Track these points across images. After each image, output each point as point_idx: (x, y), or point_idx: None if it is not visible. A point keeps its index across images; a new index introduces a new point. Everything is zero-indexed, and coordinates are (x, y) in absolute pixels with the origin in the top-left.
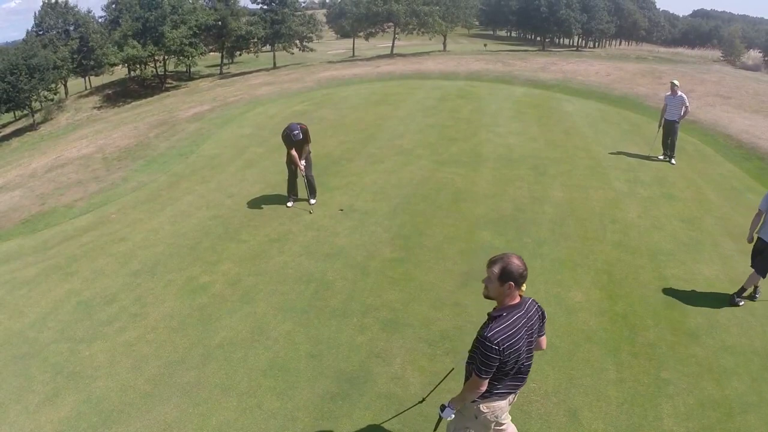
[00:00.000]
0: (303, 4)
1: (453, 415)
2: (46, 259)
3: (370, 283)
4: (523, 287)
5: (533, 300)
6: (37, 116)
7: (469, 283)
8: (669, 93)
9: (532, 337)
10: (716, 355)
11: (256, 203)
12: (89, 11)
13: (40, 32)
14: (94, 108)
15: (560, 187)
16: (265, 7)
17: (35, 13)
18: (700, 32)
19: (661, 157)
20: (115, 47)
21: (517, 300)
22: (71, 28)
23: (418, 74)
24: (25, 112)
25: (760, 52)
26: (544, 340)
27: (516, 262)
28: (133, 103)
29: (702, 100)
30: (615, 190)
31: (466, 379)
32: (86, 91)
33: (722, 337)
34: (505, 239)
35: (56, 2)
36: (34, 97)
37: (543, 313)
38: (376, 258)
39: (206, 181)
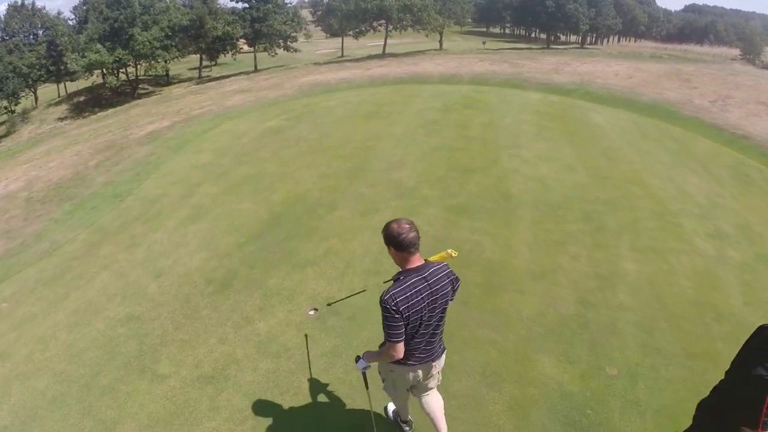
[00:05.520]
0: (288, 3)
1: (364, 368)
2: None
3: None
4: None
5: (445, 266)
6: (1, 129)
7: None
8: None
9: (436, 303)
10: None
11: (192, 292)
12: (59, 13)
13: (6, 37)
14: (59, 119)
15: (630, 254)
16: (246, 4)
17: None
18: (695, 27)
19: None
20: (76, 53)
21: (417, 264)
22: (39, 32)
23: (414, 78)
24: None
25: None
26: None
27: (394, 226)
28: (99, 114)
29: (744, 109)
30: (700, 253)
31: None
32: (57, 99)
33: None
34: (579, 371)
35: (22, 4)
36: None
37: (455, 279)
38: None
39: (134, 244)
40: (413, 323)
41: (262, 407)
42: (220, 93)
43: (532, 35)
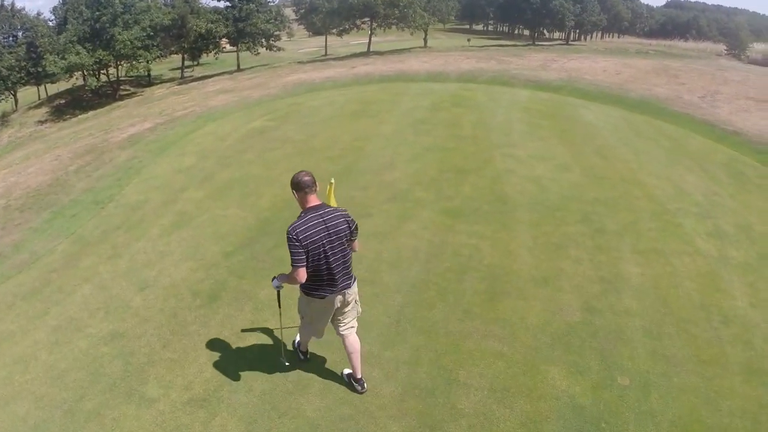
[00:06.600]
0: (271, 2)
1: (277, 286)
2: None
3: None
4: (332, 198)
5: (344, 210)
6: None
7: None
8: None
9: (332, 237)
10: None
11: (178, 306)
12: (39, 14)
13: None
14: (39, 122)
15: (633, 257)
16: (228, 3)
17: None
18: (677, 23)
19: None
20: (55, 55)
21: (313, 204)
22: (19, 33)
23: (401, 75)
24: None
25: None
26: (355, 244)
27: (296, 175)
28: (79, 116)
29: (733, 105)
30: (702, 254)
31: None
32: (38, 102)
33: None
34: (590, 382)
35: (2, 5)
36: None
37: (351, 221)
38: None
39: (116, 254)
40: (314, 252)
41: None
42: (202, 93)
43: (516, 32)
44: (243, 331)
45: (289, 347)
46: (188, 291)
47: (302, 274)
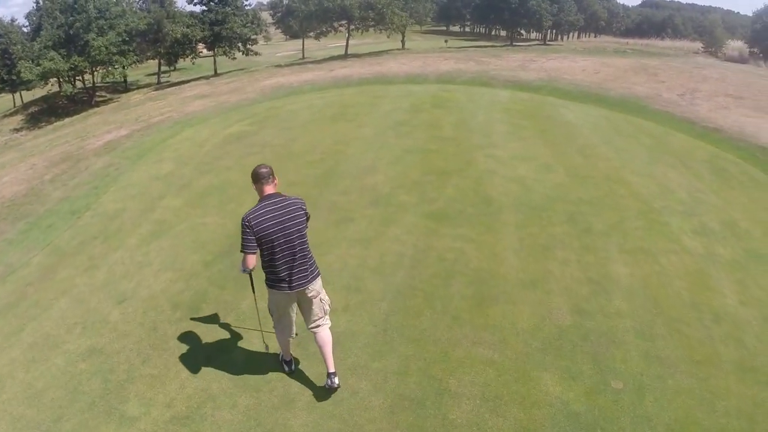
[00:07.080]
0: (248, 6)
1: (243, 271)
2: None
3: None
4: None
5: (299, 199)
6: None
7: None
8: None
9: (286, 224)
10: None
11: (158, 319)
12: (13, 20)
13: None
14: (14, 131)
15: (620, 256)
16: (204, 7)
17: None
18: (653, 22)
19: None
20: (29, 62)
21: (267, 193)
22: None
23: (379, 78)
24: None
25: (745, 43)
26: None
27: (255, 168)
28: (55, 124)
29: (713, 102)
30: (690, 252)
31: None
32: (12, 109)
33: None
34: (584, 387)
35: None
36: None
37: (306, 210)
38: None
39: (93, 266)
40: (266, 239)
41: None
42: (179, 99)
43: (493, 33)
44: (225, 344)
45: (272, 347)
46: (168, 303)
47: (251, 260)
